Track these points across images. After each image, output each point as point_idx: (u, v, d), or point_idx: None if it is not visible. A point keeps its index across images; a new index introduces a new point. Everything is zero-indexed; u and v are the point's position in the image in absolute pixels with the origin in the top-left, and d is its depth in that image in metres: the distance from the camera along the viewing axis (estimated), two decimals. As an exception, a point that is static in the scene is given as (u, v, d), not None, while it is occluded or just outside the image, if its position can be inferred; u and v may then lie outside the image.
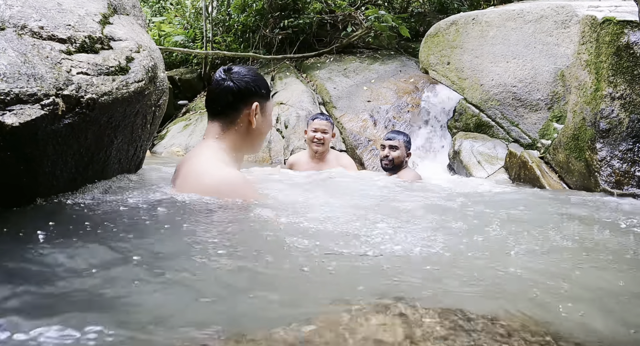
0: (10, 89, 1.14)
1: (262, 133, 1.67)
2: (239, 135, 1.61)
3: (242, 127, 1.60)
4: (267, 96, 1.67)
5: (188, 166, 1.59)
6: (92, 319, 0.68)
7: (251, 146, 1.68)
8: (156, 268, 0.94)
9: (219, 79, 1.58)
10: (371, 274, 0.99)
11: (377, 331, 0.65)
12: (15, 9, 1.41)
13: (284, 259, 1.07)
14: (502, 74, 4.88)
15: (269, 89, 1.69)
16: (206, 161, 1.54)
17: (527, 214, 1.93)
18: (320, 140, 3.47)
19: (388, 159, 3.36)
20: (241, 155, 1.68)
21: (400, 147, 3.36)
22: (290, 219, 1.41)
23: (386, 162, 3.38)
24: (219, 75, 1.58)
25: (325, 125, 3.49)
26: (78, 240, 1.05)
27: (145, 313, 0.75)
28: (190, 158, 1.63)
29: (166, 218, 1.32)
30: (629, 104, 2.71)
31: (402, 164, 3.39)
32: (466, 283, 0.97)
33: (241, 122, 1.59)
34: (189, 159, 1.64)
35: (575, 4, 4.69)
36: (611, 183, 2.74)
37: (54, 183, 1.40)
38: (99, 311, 0.74)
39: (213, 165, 1.52)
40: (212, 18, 8.11)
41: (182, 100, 7.61)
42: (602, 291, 0.99)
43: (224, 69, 1.60)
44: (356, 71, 6.40)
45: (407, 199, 2.22)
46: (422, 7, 8.03)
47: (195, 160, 1.58)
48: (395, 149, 3.35)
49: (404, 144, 3.39)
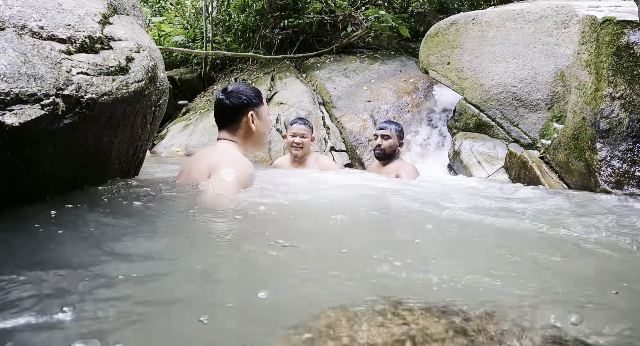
0: (10, 89, 1.14)
1: (263, 133, 2.01)
2: (244, 138, 1.95)
3: (245, 132, 1.94)
4: (259, 102, 1.98)
5: (204, 156, 1.88)
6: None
7: (256, 145, 2.01)
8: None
9: (219, 98, 1.94)
10: (370, 275, 0.99)
11: (376, 334, 0.65)
12: (15, 9, 1.41)
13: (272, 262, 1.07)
14: (502, 74, 4.88)
15: (260, 96, 2.00)
16: (224, 150, 1.87)
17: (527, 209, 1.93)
18: (299, 144, 3.58)
19: (380, 148, 3.55)
20: (249, 153, 2.00)
21: (392, 137, 3.56)
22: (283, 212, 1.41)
23: (378, 151, 3.58)
24: (218, 95, 1.95)
25: (303, 129, 3.60)
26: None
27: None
28: (206, 152, 1.94)
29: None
30: (629, 104, 2.71)
31: (395, 153, 3.60)
32: (466, 283, 0.97)
33: (242, 129, 1.94)
34: (203, 153, 1.93)
35: (575, 4, 4.69)
36: (611, 183, 2.74)
37: (54, 182, 1.40)
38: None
39: (231, 152, 1.86)
40: (212, 18, 8.10)
41: (182, 100, 7.61)
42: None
43: (221, 91, 1.95)
44: (356, 71, 6.40)
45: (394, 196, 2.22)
46: (422, 7, 8.03)
47: (212, 150, 1.91)
48: (387, 138, 3.54)
49: (395, 133, 3.58)
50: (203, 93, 7.74)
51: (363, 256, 1.10)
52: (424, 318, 0.70)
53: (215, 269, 0.99)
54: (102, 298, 0.79)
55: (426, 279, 0.97)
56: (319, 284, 0.93)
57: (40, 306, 0.74)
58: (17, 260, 0.95)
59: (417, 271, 1.02)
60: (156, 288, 0.86)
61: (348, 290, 0.90)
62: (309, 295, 0.87)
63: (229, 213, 1.46)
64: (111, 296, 0.80)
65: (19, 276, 0.84)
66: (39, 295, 0.78)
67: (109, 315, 0.72)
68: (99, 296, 0.79)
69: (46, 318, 0.69)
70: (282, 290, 0.89)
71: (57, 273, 0.87)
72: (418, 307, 0.76)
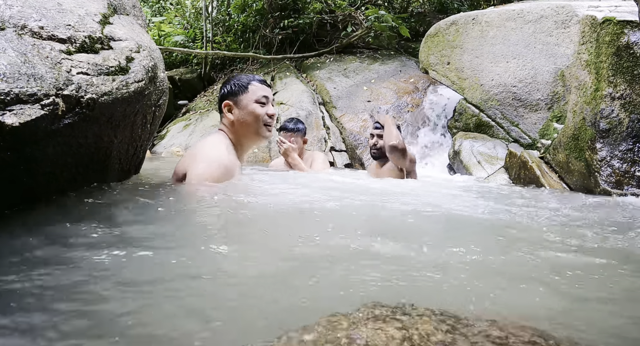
0: (10, 89, 1.14)
1: (247, 122, 1.99)
2: (229, 128, 2.00)
3: (227, 122, 2.00)
4: (238, 92, 2.00)
5: (189, 151, 2.02)
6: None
7: (246, 135, 2.01)
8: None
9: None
10: (369, 277, 0.99)
11: (374, 337, 0.65)
12: (15, 9, 1.41)
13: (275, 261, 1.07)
14: (502, 74, 4.88)
15: (243, 85, 2.00)
16: (208, 141, 1.95)
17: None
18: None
19: (376, 147, 3.52)
20: (243, 144, 2.02)
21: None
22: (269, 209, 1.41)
23: (374, 150, 3.55)
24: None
25: (290, 136, 3.62)
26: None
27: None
28: (195, 145, 2.09)
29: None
30: (629, 104, 2.71)
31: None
32: (466, 284, 0.97)
33: (224, 119, 2.01)
34: (192, 147, 2.09)
35: (575, 4, 4.69)
36: (611, 183, 2.74)
37: (54, 182, 1.40)
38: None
39: (210, 145, 1.92)
40: (212, 18, 8.11)
41: (182, 100, 7.62)
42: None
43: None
44: (356, 71, 6.40)
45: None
46: (422, 7, 8.03)
47: (198, 143, 2.04)
48: (382, 138, 3.49)
49: None
50: (203, 93, 7.74)
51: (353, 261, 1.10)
52: (423, 322, 0.70)
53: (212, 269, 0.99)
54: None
55: (427, 282, 0.97)
56: (316, 287, 0.93)
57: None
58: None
59: (419, 274, 1.02)
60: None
61: (346, 293, 0.90)
62: (307, 298, 0.87)
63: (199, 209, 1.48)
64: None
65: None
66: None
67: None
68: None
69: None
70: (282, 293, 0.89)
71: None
72: (416, 312, 0.76)
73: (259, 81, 2.03)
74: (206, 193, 1.63)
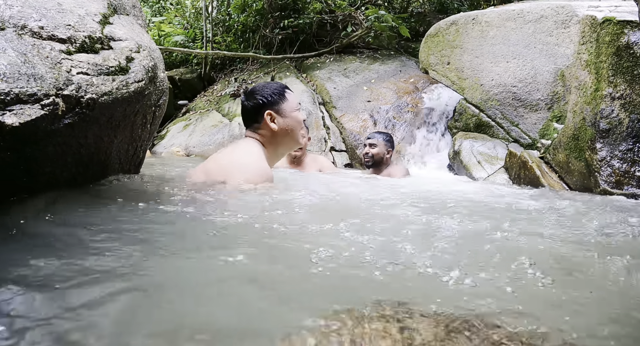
0: (10, 89, 1.14)
1: (289, 130, 1.96)
2: (269, 138, 1.94)
3: (269, 132, 1.94)
4: (280, 100, 1.95)
5: (222, 157, 1.93)
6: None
7: (287, 143, 1.99)
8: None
9: (241, 100, 2.00)
10: (368, 279, 0.99)
11: (375, 338, 0.65)
12: (15, 9, 1.41)
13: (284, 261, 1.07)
14: (502, 74, 4.88)
15: (281, 92, 1.96)
16: (242, 150, 1.91)
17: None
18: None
19: (368, 156, 3.85)
20: (279, 152, 2.01)
21: (378, 145, 3.83)
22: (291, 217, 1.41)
23: (367, 158, 3.87)
24: (241, 98, 2.01)
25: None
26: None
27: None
28: (225, 152, 1.97)
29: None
30: (629, 104, 2.71)
31: (383, 160, 3.84)
32: (465, 285, 0.97)
33: (265, 129, 1.94)
34: (222, 153, 1.96)
35: (575, 4, 4.69)
36: (611, 183, 2.74)
37: (54, 182, 1.40)
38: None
39: (246, 154, 1.87)
40: (212, 18, 8.11)
41: (182, 100, 7.62)
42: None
43: (243, 92, 2.09)
44: (356, 71, 6.40)
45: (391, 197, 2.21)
46: (422, 7, 8.03)
47: (231, 150, 1.96)
48: (374, 147, 3.83)
49: (382, 142, 3.85)
50: (203, 93, 7.75)
51: (361, 260, 1.10)
52: (426, 324, 0.70)
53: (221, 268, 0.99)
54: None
55: (429, 283, 0.97)
56: (319, 286, 0.93)
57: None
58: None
59: (420, 275, 1.02)
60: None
61: (348, 293, 0.90)
62: (309, 297, 0.87)
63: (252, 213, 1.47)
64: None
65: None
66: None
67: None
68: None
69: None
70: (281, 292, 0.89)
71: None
72: (420, 312, 0.76)
73: (287, 88, 2.02)
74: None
